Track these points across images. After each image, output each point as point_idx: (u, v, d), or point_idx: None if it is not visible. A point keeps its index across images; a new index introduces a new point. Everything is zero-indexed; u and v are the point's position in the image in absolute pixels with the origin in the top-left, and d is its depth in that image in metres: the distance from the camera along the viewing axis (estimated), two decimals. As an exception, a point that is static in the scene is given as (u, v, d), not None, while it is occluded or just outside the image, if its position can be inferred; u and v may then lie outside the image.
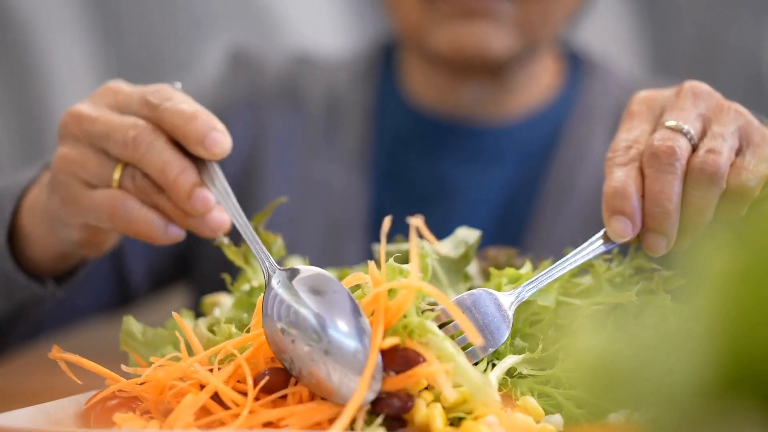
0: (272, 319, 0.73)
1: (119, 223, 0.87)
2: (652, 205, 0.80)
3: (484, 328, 0.77)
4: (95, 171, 0.88)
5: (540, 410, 0.73)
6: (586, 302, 0.80)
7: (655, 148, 0.80)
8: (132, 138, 0.86)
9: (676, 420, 0.47)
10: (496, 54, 1.32)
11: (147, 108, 0.87)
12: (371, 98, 1.47)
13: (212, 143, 0.86)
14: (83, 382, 0.79)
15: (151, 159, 0.85)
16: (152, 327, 0.85)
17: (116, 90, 0.91)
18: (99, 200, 0.87)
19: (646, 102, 0.86)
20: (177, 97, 0.88)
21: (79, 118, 0.89)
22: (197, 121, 0.86)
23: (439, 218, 1.40)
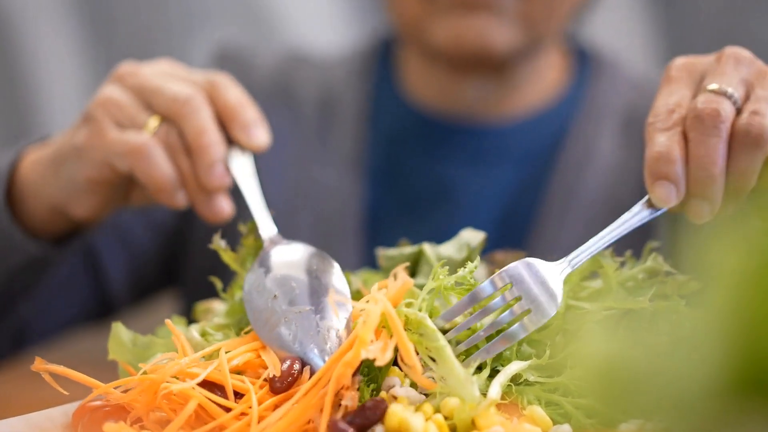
0: (260, 275, 0.80)
1: (140, 164, 0.93)
2: (697, 169, 0.80)
3: (531, 302, 0.77)
4: (132, 116, 0.95)
5: (548, 420, 0.73)
6: (596, 306, 0.80)
7: (698, 111, 0.81)
8: (184, 97, 0.94)
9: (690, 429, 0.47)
10: (498, 49, 1.32)
11: (208, 83, 0.97)
12: (367, 96, 1.47)
13: (255, 134, 0.96)
14: (70, 393, 0.78)
15: (193, 119, 0.93)
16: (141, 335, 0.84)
17: (175, 65, 1.00)
18: (128, 137, 0.94)
19: (685, 67, 0.86)
20: (235, 85, 0.98)
21: (135, 71, 0.98)
22: (249, 110, 0.96)
23: (439, 222, 1.39)
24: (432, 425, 0.69)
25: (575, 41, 1.50)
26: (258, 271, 0.82)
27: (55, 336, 1.32)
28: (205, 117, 0.94)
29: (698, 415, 0.47)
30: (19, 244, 1.08)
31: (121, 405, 0.75)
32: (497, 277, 0.78)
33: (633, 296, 0.80)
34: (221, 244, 0.86)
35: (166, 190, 0.94)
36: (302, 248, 0.85)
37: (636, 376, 0.50)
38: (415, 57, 1.44)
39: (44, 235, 1.09)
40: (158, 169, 0.93)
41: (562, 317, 0.79)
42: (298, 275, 0.81)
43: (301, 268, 0.82)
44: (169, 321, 0.81)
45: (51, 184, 1.03)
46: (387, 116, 1.46)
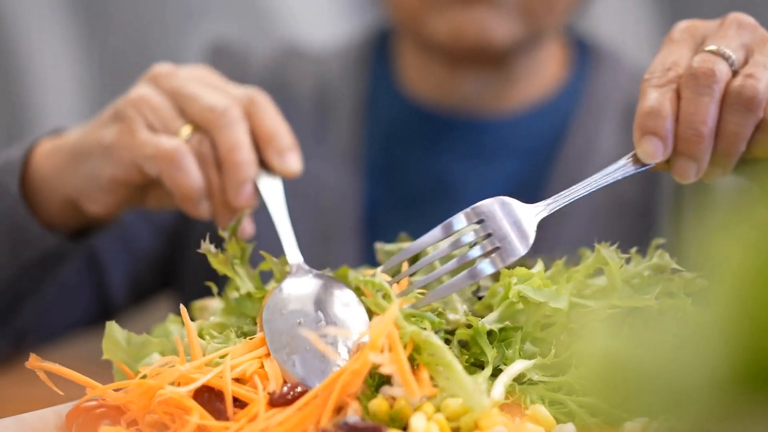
0: (283, 300, 0.79)
1: (170, 170, 0.92)
2: (686, 127, 0.81)
3: (501, 239, 0.79)
4: (165, 120, 0.94)
5: (551, 419, 0.73)
6: (600, 304, 0.80)
7: (693, 70, 0.81)
8: (221, 108, 0.93)
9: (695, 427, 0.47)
10: (497, 42, 1.32)
11: (247, 98, 0.95)
12: (364, 90, 1.46)
13: (289, 160, 0.94)
14: (65, 393, 0.78)
15: (229, 132, 0.92)
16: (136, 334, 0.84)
17: (213, 74, 0.99)
18: (160, 141, 0.93)
19: (688, 30, 0.87)
20: (274, 108, 0.96)
21: (172, 73, 0.97)
22: (286, 136, 0.94)
23: (438, 217, 1.38)
24: (434, 426, 0.69)
25: (575, 33, 1.49)
26: (282, 294, 0.80)
27: (55, 340, 1.32)
28: (241, 132, 0.93)
29: (703, 412, 0.47)
30: (35, 237, 1.07)
31: (117, 406, 0.75)
32: (470, 211, 0.80)
33: (638, 294, 0.80)
34: (210, 248, 0.86)
35: (192, 199, 0.93)
36: (329, 281, 0.83)
37: (641, 375, 0.50)
38: (413, 50, 1.44)
39: (58, 229, 1.08)
40: (188, 178, 0.92)
41: (566, 315, 0.78)
42: (323, 309, 0.80)
43: (327, 302, 0.80)
44: (184, 309, 0.80)
45: (68, 177, 1.02)
46: (384, 110, 1.46)
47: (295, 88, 1.47)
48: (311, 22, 2.39)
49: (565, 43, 1.47)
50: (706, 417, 0.47)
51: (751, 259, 0.46)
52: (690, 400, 0.47)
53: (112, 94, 1.03)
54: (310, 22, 2.39)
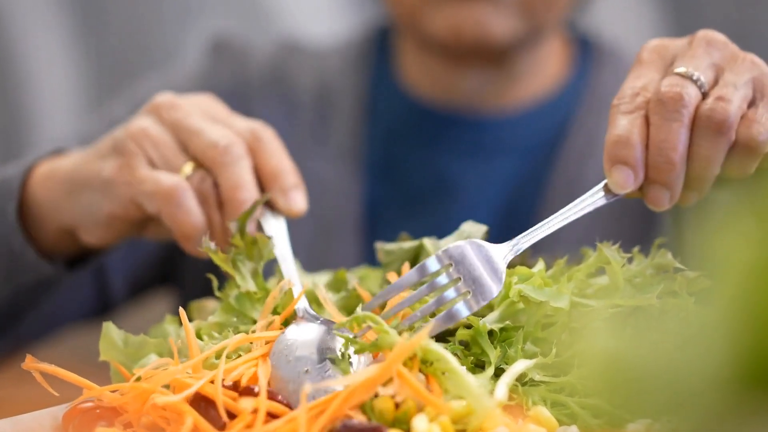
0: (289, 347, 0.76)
1: (170, 209, 0.90)
2: (656, 154, 0.80)
3: (473, 282, 0.78)
4: (166, 156, 0.92)
5: (554, 421, 0.73)
6: (602, 304, 0.79)
7: (661, 95, 0.80)
8: (224, 144, 0.91)
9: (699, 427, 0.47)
10: (497, 38, 1.31)
11: (251, 134, 0.93)
12: (364, 87, 1.46)
13: (294, 199, 0.93)
14: (60, 394, 0.78)
15: (232, 171, 0.90)
16: (133, 334, 0.83)
17: (216, 104, 0.97)
18: (161, 178, 0.91)
19: (656, 50, 0.86)
20: (279, 143, 0.94)
21: (174, 105, 0.94)
22: (290, 173, 0.92)
23: (438, 216, 1.39)
24: (436, 427, 0.68)
25: (576, 30, 1.49)
26: (288, 340, 0.77)
27: (52, 336, 1.32)
28: (244, 170, 0.91)
29: (707, 412, 0.47)
30: (31, 264, 1.05)
31: (113, 407, 0.74)
32: (442, 253, 0.79)
33: (641, 293, 0.79)
34: (210, 246, 0.85)
35: (191, 237, 0.91)
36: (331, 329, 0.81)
37: (644, 375, 0.50)
38: (413, 47, 1.43)
39: (55, 256, 1.06)
40: (188, 216, 0.90)
41: (567, 315, 0.78)
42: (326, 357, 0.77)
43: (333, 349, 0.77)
44: (182, 310, 0.79)
45: (64, 208, 1.00)
46: (385, 108, 1.45)
47: (295, 84, 1.47)
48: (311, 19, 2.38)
49: (566, 41, 1.47)
50: (710, 417, 0.47)
51: (754, 258, 0.46)
52: (693, 400, 0.47)
53: (110, 91, 1.03)
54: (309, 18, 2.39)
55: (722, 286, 0.46)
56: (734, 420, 0.46)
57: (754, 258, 0.45)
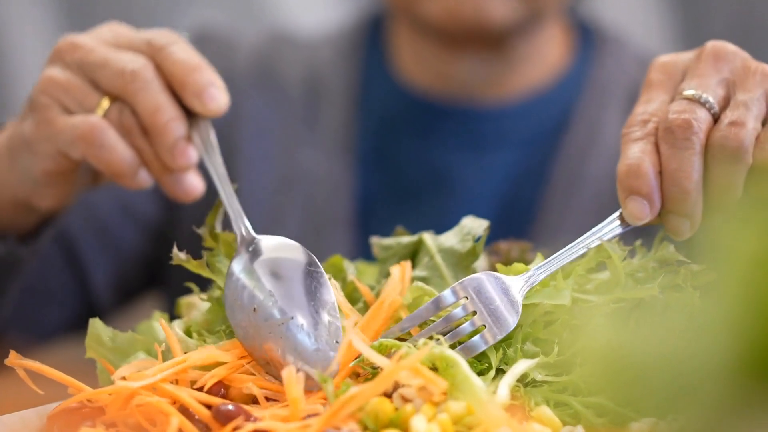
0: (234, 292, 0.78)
1: (92, 149, 0.89)
2: (670, 184, 0.79)
3: (489, 315, 0.77)
4: (79, 98, 0.91)
5: (557, 421, 0.72)
6: (604, 299, 0.79)
7: (669, 122, 0.79)
8: (130, 71, 0.89)
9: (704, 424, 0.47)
10: (495, 23, 1.31)
11: (150, 48, 0.91)
12: (356, 77, 1.45)
13: (210, 98, 0.90)
14: (45, 393, 0.77)
15: (145, 96, 0.89)
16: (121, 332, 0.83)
17: (118, 29, 0.95)
18: (76, 123, 0.90)
19: (665, 69, 0.85)
20: (182, 44, 0.92)
21: (75, 45, 0.93)
22: (200, 72, 0.90)
23: (434, 210, 1.38)
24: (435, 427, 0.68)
25: (577, 16, 1.48)
26: (232, 281, 0.79)
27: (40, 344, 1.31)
28: (156, 92, 0.89)
29: (712, 407, 0.46)
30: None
31: (99, 407, 0.74)
32: (459, 286, 0.78)
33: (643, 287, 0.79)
34: (181, 257, 0.84)
35: (125, 174, 0.90)
36: (273, 245, 0.81)
37: (647, 372, 0.50)
38: (407, 34, 1.43)
39: (10, 232, 1.05)
40: (113, 153, 0.89)
41: (568, 311, 0.77)
42: (274, 281, 0.78)
43: (274, 270, 0.79)
44: (163, 321, 0.79)
45: (8, 178, 0.98)
46: (378, 98, 1.45)
47: (284, 76, 1.46)
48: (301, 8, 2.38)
49: (567, 28, 1.46)
50: (715, 412, 0.46)
51: (760, 249, 0.45)
52: (698, 395, 0.47)
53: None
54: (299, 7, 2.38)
55: (727, 278, 0.46)
56: (740, 414, 0.46)
57: (759, 249, 0.45)
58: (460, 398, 0.70)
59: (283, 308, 0.76)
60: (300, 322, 0.75)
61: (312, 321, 0.76)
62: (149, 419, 0.72)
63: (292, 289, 0.78)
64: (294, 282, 0.78)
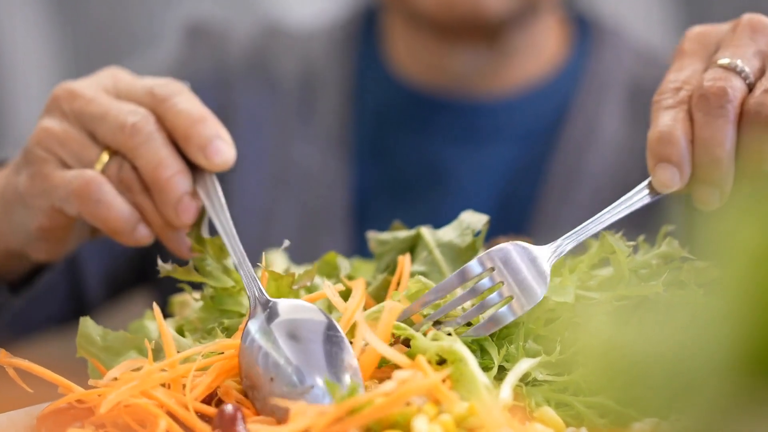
0: (251, 357, 0.74)
1: (88, 206, 0.85)
2: (702, 152, 0.78)
3: (517, 285, 0.76)
4: (77, 151, 0.88)
5: (560, 422, 0.72)
6: (606, 296, 0.78)
7: (704, 90, 0.79)
8: (131, 124, 0.86)
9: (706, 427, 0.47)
10: (491, 13, 1.30)
11: (152, 99, 0.88)
12: (350, 71, 1.45)
13: (215, 152, 0.86)
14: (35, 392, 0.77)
15: (147, 151, 0.85)
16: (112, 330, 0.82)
17: (118, 76, 0.91)
18: (71, 178, 0.86)
19: (698, 38, 0.84)
20: (186, 95, 0.88)
21: (73, 94, 0.89)
22: (204, 125, 0.86)
23: (431, 205, 1.38)
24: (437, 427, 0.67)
25: (574, 8, 1.48)
26: (245, 346, 0.75)
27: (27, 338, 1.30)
28: (159, 146, 0.85)
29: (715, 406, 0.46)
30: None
31: (89, 407, 0.73)
32: (485, 256, 0.77)
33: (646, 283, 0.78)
34: (166, 267, 0.83)
35: (122, 231, 0.86)
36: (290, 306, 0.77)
37: (650, 370, 0.50)
38: (402, 27, 1.42)
39: (1, 280, 1.03)
40: (110, 210, 0.85)
41: (570, 309, 0.77)
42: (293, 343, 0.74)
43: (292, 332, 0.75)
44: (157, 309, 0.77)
45: (2, 230, 0.95)
46: (373, 93, 1.44)
47: (277, 70, 1.45)
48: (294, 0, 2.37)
49: (564, 20, 1.46)
50: (718, 409, 0.46)
51: (761, 245, 0.45)
52: (701, 393, 0.47)
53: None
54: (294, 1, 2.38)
55: (728, 274, 0.46)
56: (743, 411, 0.46)
57: (760, 245, 0.45)
58: (464, 396, 0.69)
59: (302, 373, 0.72)
60: (321, 387, 0.71)
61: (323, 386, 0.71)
62: (138, 420, 0.71)
63: (312, 352, 0.73)
64: (314, 344, 0.74)
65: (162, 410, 0.70)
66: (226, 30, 1.48)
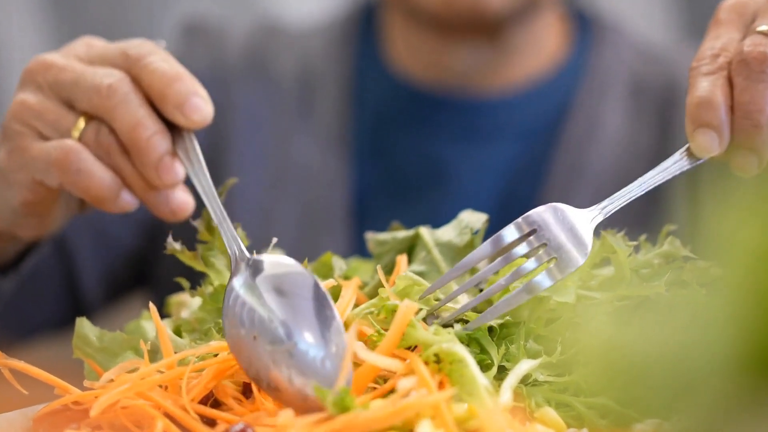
0: (234, 317, 0.73)
1: (68, 176, 0.85)
2: (742, 117, 0.78)
3: (557, 250, 0.76)
4: (53, 121, 0.87)
5: (561, 423, 0.72)
6: (608, 296, 0.78)
7: (745, 55, 0.79)
8: (107, 86, 0.85)
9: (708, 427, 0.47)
10: (492, 11, 1.30)
11: (126, 61, 0.87)
12: (350, 68, 1.45)
13: (192, 109, 0.85)
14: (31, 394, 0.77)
15: (124, 112, 0.84)
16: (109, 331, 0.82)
17: (91, 43, 0.91)
18: (50, 149, 0.85)
19: (735, 8, 0.84)
20: (160, 54, 0.87)
21: (46, 65, 0.88)
22: (179, 83, 0.85)
23: (431, 204, 1.38)
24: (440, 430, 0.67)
25: (575, 5, 1.48)
26: (228, 304, 0.74)
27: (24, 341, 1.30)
28: (136, 105, 0.84)
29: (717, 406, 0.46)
30: None
31: (86, 409, 0.73)
32: (522, 221, 0.78)
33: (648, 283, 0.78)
34: (176, 246, 0.83)
35: (105, 198, 0.85)
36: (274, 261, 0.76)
37: (651, 371, 0.49)
38: (402, 24, 1.42)
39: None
40: (91, 179, 0.84)
41: (571, 309, 0.77)
42: (279, 297, 0.74)
43: (278, 287, 0.74)
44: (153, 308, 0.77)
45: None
46: (373, 91, 1.44)
47: (275, 68, 1.45)
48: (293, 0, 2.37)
49: (564, 17, 1.46)
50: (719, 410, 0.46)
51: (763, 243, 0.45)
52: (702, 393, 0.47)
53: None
54: (292, 0, 2.37)
55: (730, 273, 0.46)
56: (745, 411, 0.46)
57: (762, 243, 0.45)
58: (464, 398, 0.69)
59: (289, 327, 0.71)
60: (309, 341, 0.71)
61: (322, 341, 0.71)
62: (135, 422, 0.71)
63: (299, 307, 0.73)
64: (299, 299, 0.73)
65: (159, 411, 0.70)
66: (224, 28, 1.48)
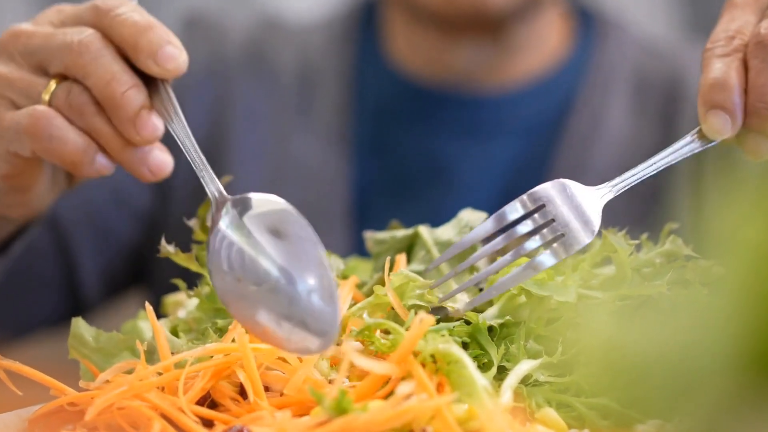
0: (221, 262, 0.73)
1: (41, 143, 0.83)
2: (756, 99, 0.78)
3: (562, 228, 0.76)
4: (24, 89, 0.85)
5: (562, 423, 0.72)
6: (609, 296, 0.78)
7: (761, 37, 0.78)
8: (77, 42, 0.83)
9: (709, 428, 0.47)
10: (494, 8, 1.30)
11: (96, 14, 0.85)
12: (350, 65, 1.45)
13: (166, 58, 0.83)
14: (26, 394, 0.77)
15: (98, 67, 0.83)
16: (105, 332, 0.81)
17: (61, 8, 0.89)
18: (20, 117, 0.84)
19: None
20: (130, 5, 0.85)
21: (15, 34, 0.87)
22: (152, 32, 0.83)
23: (433, 201, 1.38)
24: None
25: (577, 1, 1.47)
26: (211, 250, 0.74)
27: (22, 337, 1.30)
28: (109, 60, 0.83)
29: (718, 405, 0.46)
30: None
31: (81, 410, 0.73)
32: (526, 197, 0.77)
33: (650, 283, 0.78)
34: (169, 249, 0.82)
35: (80, 162, 0.83)
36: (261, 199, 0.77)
37: (652, 370, 0.49)
38: (403, 20, 1.42)
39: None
40: (66, 145, 0.83)
41: (572, 309, 0.76)
42: (268, 236, 0.73)
43: (267, 225, 0.74)
44: (150, 309, 0.77)
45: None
46: (373, 87, 1.44)
47: (275, 64, 1.45)
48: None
49: (567, 13, 1.46)
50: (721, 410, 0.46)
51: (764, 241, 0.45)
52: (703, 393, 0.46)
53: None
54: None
55: (731, 271, 0.46)
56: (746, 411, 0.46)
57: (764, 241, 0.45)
58: (463, 398, 0.69)
59: (282, 266, 0.72)
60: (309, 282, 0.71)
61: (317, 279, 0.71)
62: (132, 423, 0.71)
63: (290, 245, 0.73)
64: (289, 237, 0.73)
65: (156, 413, 0.70)
66: (224, 23, 1.48)
